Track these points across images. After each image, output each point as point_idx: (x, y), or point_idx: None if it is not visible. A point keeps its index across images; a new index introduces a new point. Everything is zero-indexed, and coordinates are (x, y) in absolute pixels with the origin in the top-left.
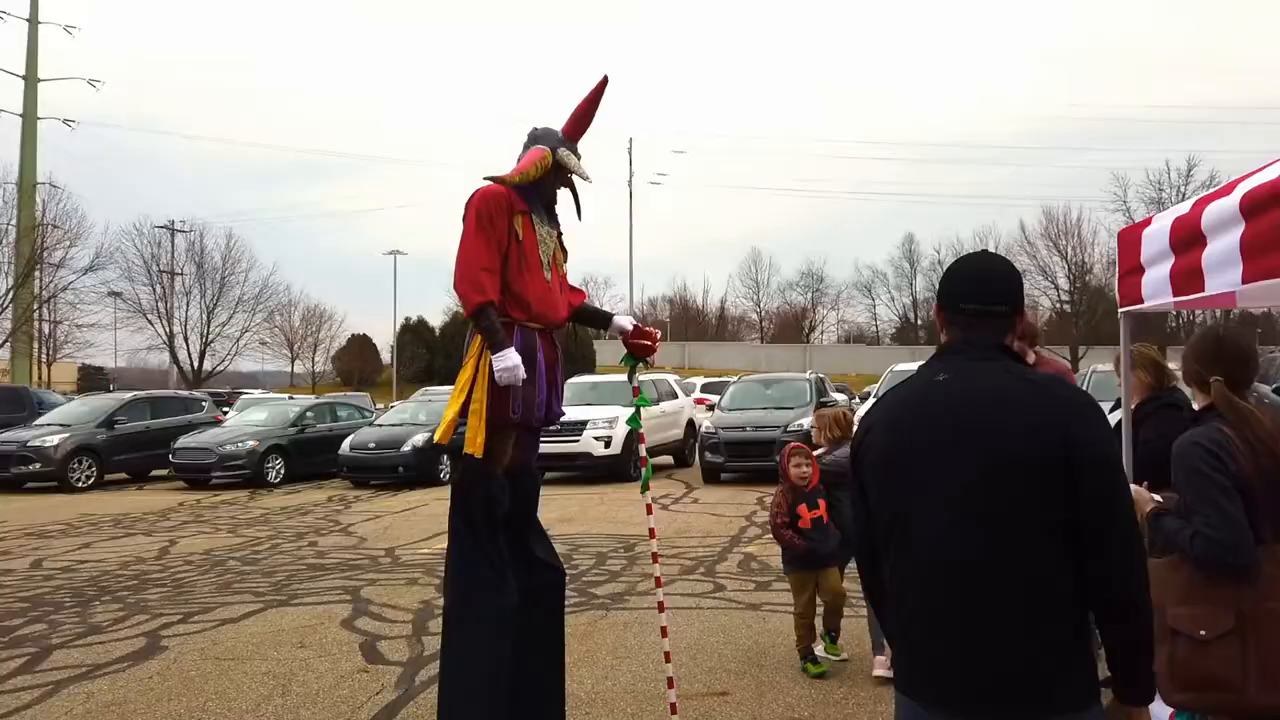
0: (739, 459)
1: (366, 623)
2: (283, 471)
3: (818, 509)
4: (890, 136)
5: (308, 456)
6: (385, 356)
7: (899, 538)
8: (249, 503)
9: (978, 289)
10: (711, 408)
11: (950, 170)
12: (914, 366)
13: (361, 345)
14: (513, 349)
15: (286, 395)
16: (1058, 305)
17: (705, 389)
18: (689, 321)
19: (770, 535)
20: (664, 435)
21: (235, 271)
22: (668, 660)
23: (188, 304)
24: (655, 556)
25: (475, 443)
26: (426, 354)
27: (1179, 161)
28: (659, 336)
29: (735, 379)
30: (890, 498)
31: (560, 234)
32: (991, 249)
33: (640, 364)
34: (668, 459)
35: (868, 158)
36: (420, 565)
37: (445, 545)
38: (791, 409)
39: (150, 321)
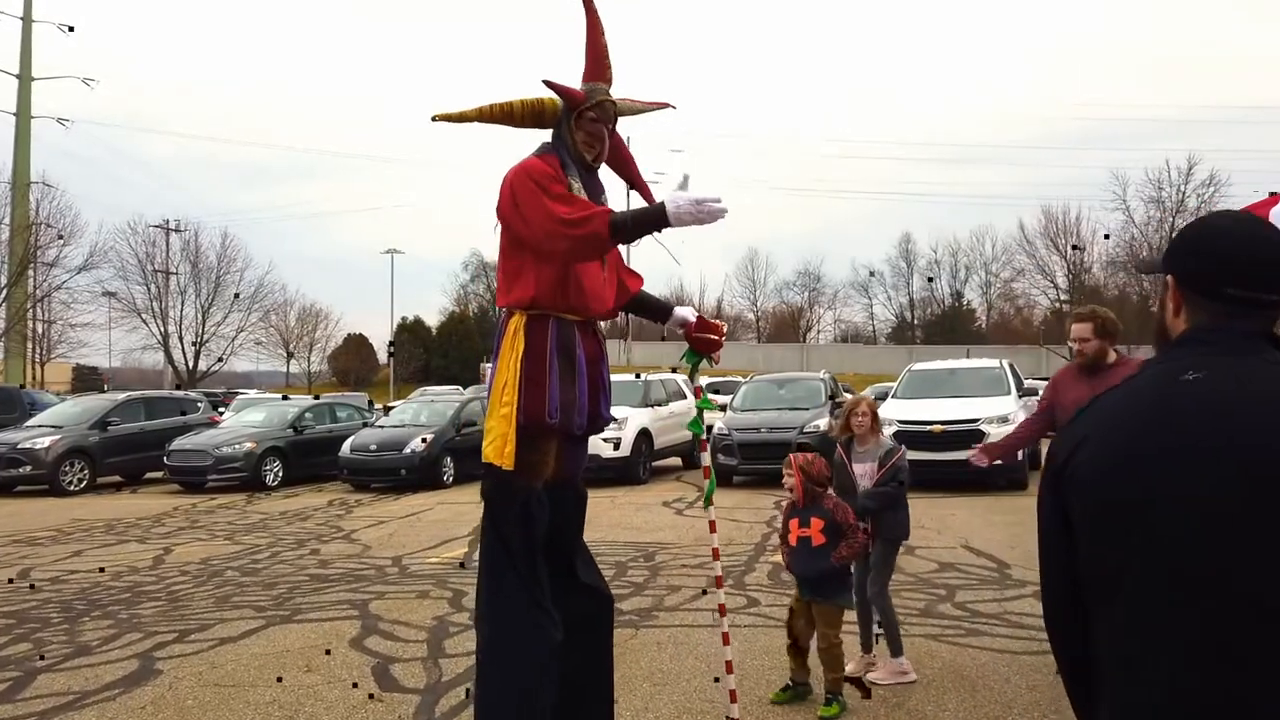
0: (754, 461)
1: (377, 642)
2: (280, 474)
3: (808, 527)
4: (889, 135)
5: (306, 459)
6: (382, 356)
7: (1137, 593)
8: (246, 507)
9: (1258, 270)
10: (723, 408)
11: (949, 170)
12: (934, 365)
13: (358, 345)
14: (675, 199)
15: (282, 395)
16: (1056, 304)
17: (710, 389)
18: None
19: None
20: (673, 437)
21: (230, 271)
22: (730, 671)
23: (182, 303)
24: (716, 553)
25: (504, 452)
26: (423, 354)
27: (1179, 160)
28: (725, 331)
29: (746, 379)
30: (1123, 540)
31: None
32: (989, 249)
33: (704, 361)
34: (676, 461)
35: (866, 157)
36: (430, 576)
37: (454, 555)
38: (806, 409)
39: (145, 321)
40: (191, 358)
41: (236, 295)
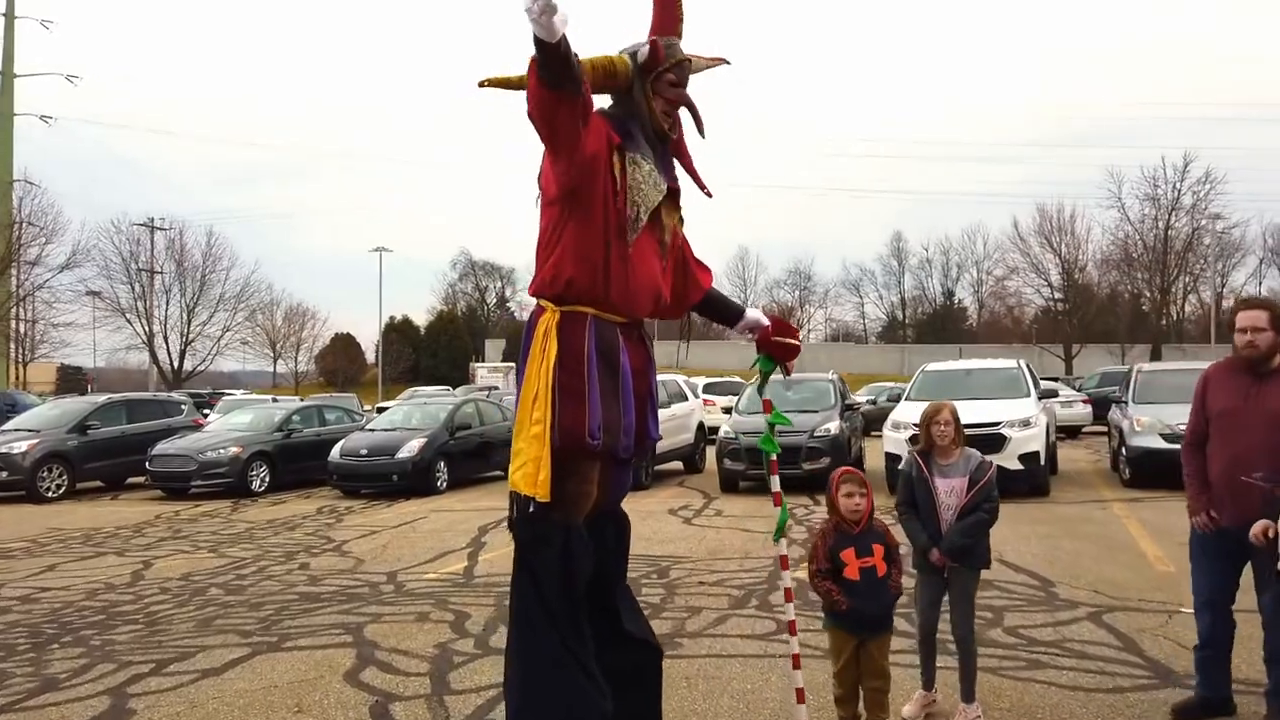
0: (761, 466)
1: (374, 675)
2: (267, 480)
3: (870, 555)
4: (880, 134)
5: (294, 463)
6: (370, 356)
7: None
8: (231, 515)
9: None
10: (728, 410)
11: (940, 167)
12: (949, 366)
13: (345, 344)
14: None
15: (270, 397)
16: (1051, 303)
17: (708, 389)
18: (675, 320)
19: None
20: (675, 440)
21: (216, 270)
22: (801, 700)
23: (167, 303)
24: (789, 594)
25: (537, 481)
26: (412, 354)
27: (1175, 158)
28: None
29: (750, 381)
30: None
31: (675, 189)
32: (981, 247)
33: (776, 369)
34: (678, 465)
35: (856, 155)
36: (428, 595)
37: (453, 570)
38: (816, 412)
39: (129, 321)
40: (177, 358)
41: (226, 294)
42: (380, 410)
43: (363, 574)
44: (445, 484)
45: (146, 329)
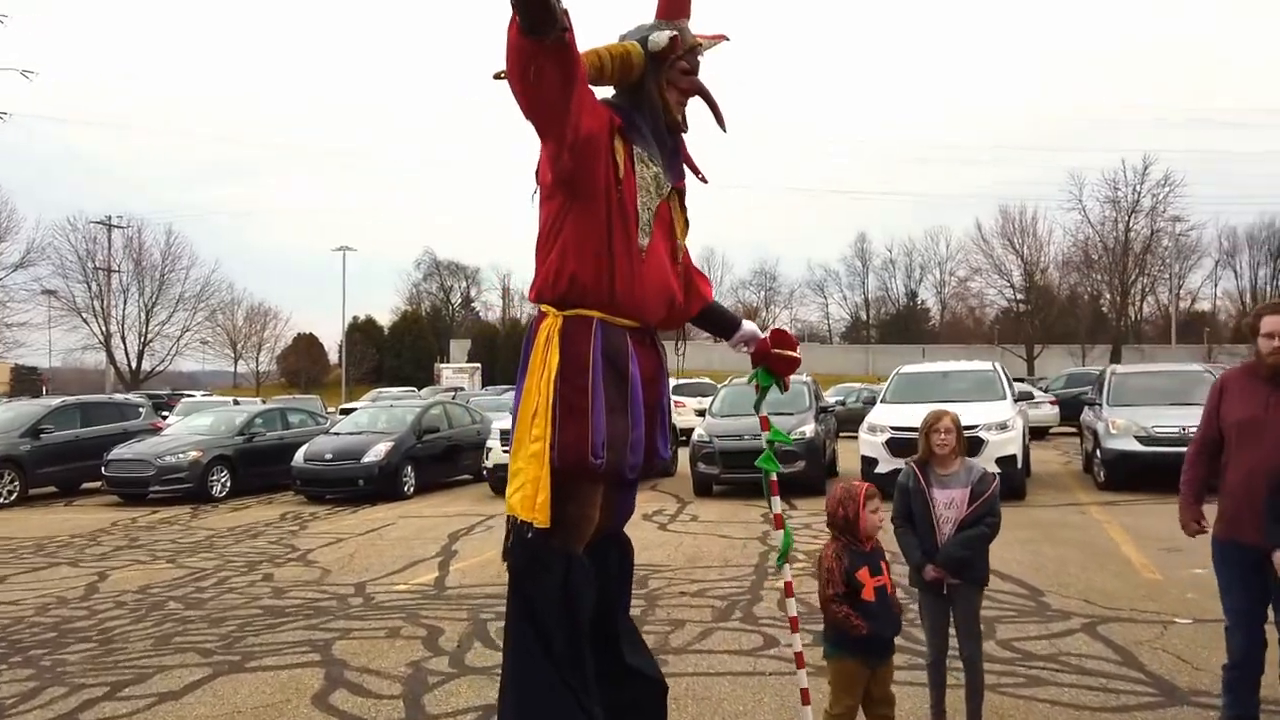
0: (735, 470)
1: (344, 698)
2: (228, 485)
3: (881, 575)
4: (846, 134)
5: (257, 468)
6: (333, 357)
7: None
8: (191, 522)
9: None
10: (702, 413)
11: (905, 169)
12: (924, 368)
13: (308, 345)
14: None
15: (231, 398)
16: (1013, 304)
17: (678, 390)
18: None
19: (808, 567)
20: None
21: (175, 269)
22: (806, 701)
23: (125, 302)
24: (794, 623)
25: (535, 504)
26: (376, 354)
27: (1135, 160)
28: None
29: (724, 383)
30: None
31: (681, 188)
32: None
33: (775, 384)
34: None
35: (822, 155)
36: (398, 608)
37: (424, 581)
38: (791, 414)
39: (86, 320)
40: (135, 358)
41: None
42: (345, 412)
43: (329, 585)
44: (413, 489)
45: (104, 329)
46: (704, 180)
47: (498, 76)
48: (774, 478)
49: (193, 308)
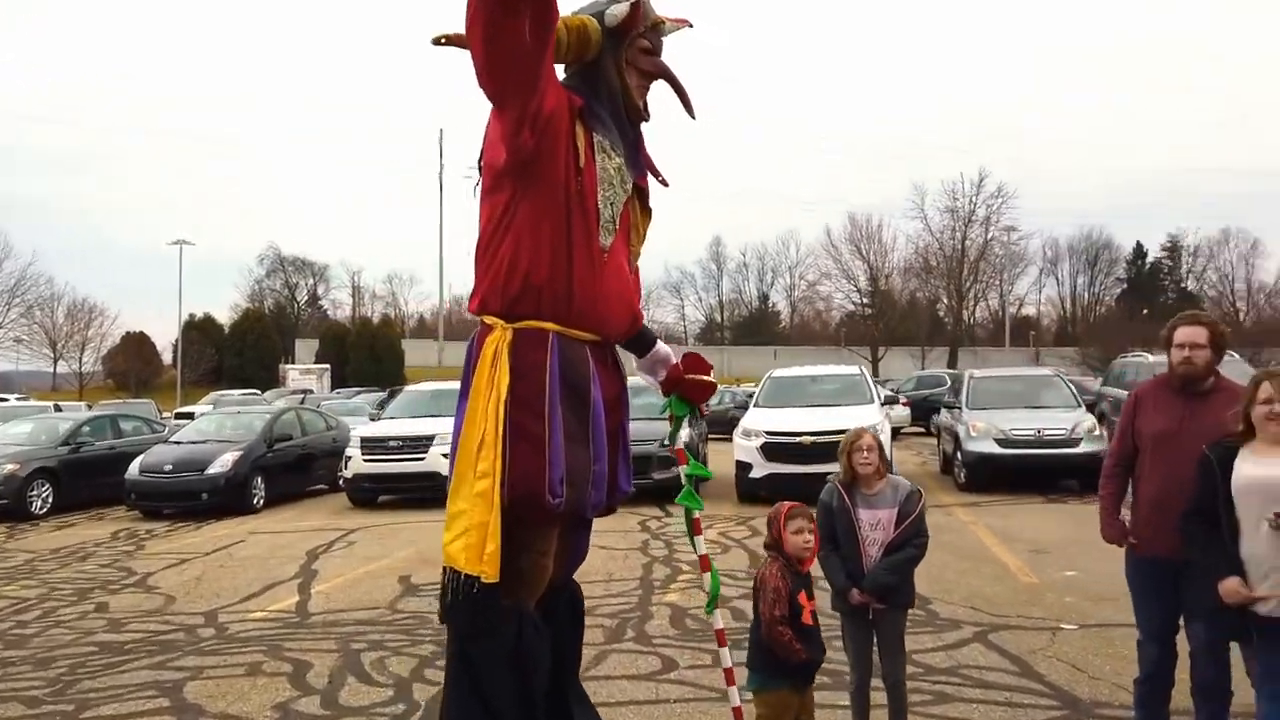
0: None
1: None
2: (50, 500)
3: (813, 599)
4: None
5: (84, 480)
6: (167, 357)
7: None
8: (7, 543)
9: None
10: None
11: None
12: (794, 372)
13: (138, 344)
14: None
15: (51, 404)
16: (859, 307)
17: None
18: None
19: (687, 576)
20: None
21: None
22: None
23: None
24: (721, 636)
25: (482, 555)
26: (215, 354)
27: (972, 173)
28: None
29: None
30: None
31: (643, 186)
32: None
33: (691, 414)
34: None
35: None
36: (257, 640)
37: (283, 607)
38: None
39: None
40: None
41: None
42: (182, 416)
43: (175, 615)
44: (262, 501)
45: None
46: (664, 183)
47: (438, 41)
48: (697, 516)
49: (5, 303)
